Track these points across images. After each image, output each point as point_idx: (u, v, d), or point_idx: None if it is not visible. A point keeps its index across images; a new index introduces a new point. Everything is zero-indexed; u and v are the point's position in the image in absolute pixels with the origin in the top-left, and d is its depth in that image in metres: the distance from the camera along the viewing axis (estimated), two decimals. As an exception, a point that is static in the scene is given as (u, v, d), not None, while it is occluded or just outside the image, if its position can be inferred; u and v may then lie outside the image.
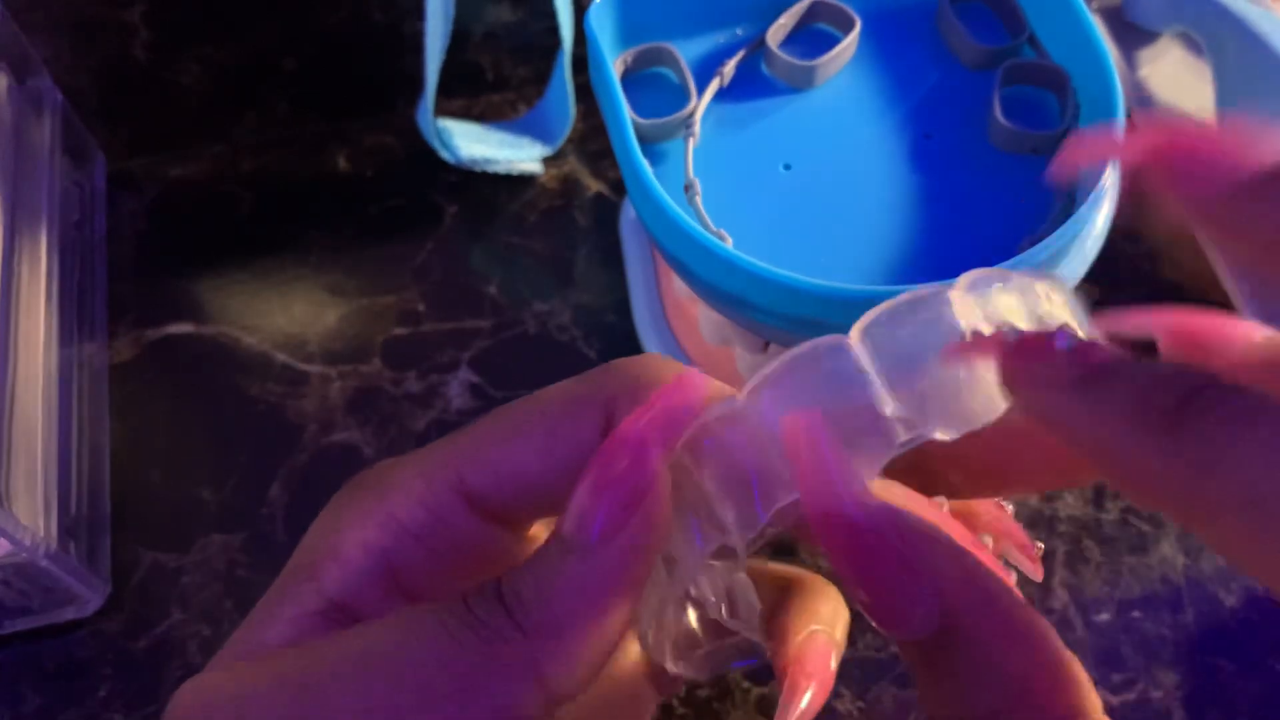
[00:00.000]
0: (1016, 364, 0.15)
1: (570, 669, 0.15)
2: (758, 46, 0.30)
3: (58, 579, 0.31)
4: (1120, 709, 0.32)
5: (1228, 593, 0.34)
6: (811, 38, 0.30)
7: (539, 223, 0.41)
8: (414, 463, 0.18)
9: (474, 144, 0.41)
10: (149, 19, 0.46)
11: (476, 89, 0.45)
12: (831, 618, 0.23)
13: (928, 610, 0.15)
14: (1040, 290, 0.17)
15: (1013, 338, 0.15)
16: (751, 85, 0.30)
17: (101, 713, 0.32)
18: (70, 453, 0.34)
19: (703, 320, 0.32)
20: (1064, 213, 0.26)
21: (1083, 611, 0.34)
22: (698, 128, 0.28)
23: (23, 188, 0.36)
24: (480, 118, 0.43)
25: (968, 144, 0.29)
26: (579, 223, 0.41)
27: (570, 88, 0.40)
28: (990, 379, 0.15)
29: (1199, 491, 0.12)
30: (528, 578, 0.16)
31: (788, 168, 0.28)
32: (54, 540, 0.31)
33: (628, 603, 0.16)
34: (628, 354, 0.38)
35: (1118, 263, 0.39)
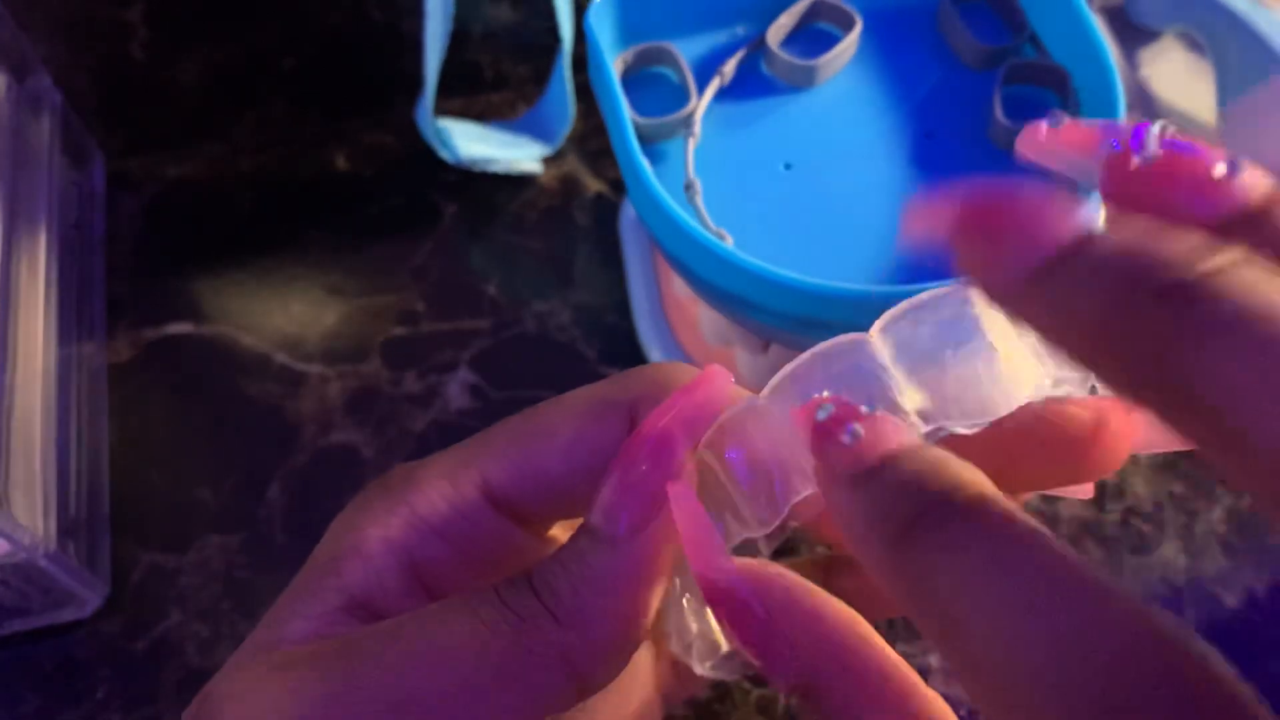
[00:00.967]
0: (815, 447, 0.15)
1: (600, 659, 0.16)
2: (758, 46, 0.30)
3: (56, 579, 0.31)
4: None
5: (1228, 593, 0.34)
6: (812, 37, 0.30)
7: (539, 222, 0.41)
8: (438, 463, 0.19)
9: (473, 143, 0.41)
10: (148, 18, 0.46)
11: (476, 88, 0.45)
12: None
13: (790, 668, 0.16)
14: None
15: (824, 416, 0.15)
16: (752, 84, 0.30)
17: (100, 713, 0.32)
18: (69, 453, 0.34)
19: (703, 320, 0.32)
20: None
21: (1083, 612, 0.33)
22: (698, 127, 0.28)
23: (21, 188, 0.35)
24: (480, 117, 0.43)
25: (969, 143, 0.29)
26: (579, 222, 0.41)
27: (570, 87, 0.40)
28: (1008, 374, 0.16)
29: (916, 604, 0.13)
30: (558, 569, 0.16)
31: (788, 167, 0.28)
32: (52, 541, 0.31)
33: (654, 595, 0.16)
34: (628, 354, 0.38)
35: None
